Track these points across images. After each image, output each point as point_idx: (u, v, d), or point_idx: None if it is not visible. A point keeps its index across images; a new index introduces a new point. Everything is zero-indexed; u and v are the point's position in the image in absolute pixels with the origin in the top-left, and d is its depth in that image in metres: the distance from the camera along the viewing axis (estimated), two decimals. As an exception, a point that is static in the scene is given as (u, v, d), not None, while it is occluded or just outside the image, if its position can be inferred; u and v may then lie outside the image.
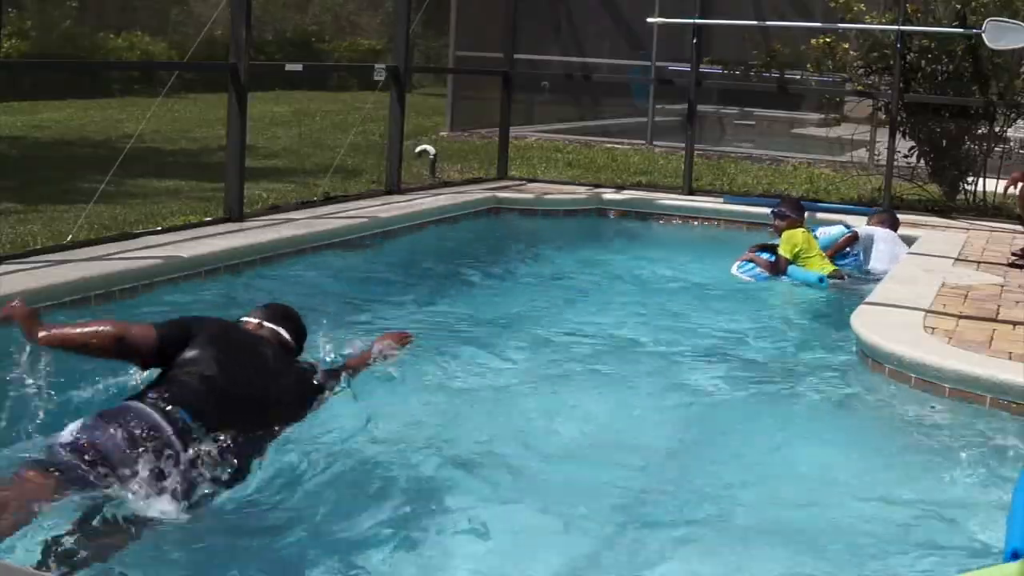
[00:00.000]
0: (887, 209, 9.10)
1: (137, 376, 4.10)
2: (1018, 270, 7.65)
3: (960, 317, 6.13)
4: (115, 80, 21.60)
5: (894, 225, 8.80)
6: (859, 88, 11.46)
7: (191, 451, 3.65)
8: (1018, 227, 9.13)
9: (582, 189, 11.09)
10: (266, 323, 4.34)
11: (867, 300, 6.49)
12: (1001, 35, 9.29)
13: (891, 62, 10.47)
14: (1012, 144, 11.50)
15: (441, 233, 9.20)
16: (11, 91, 18.29)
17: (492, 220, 9.96)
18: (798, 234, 8.20)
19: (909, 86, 10.57)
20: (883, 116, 11.33)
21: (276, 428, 4.05)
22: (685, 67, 11.57)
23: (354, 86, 26.06)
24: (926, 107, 10.70)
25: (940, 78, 10.64)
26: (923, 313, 6.14)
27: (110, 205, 8.82)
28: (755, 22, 13.74)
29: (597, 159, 14.38)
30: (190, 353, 3.90)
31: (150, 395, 3.76)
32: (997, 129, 10.81)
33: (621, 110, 18.37)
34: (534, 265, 8.62)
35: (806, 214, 8.69)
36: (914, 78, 10.66)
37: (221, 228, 7.74)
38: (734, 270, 8.26)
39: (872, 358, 5.62)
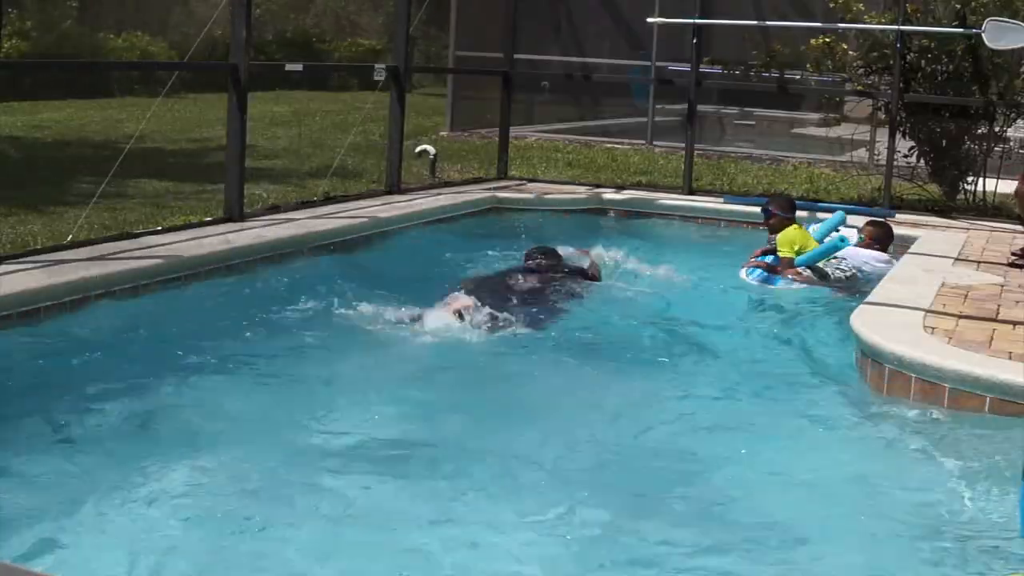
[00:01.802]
0: (880, 222, 8.82)
1: None
2: (1018, 270, 7.64)
3: (960, 317, 6.13)
4: (115, 80, 21.60)
5: (886, 240, 8.53)
6: (859, 88, 11.46)
7: None
8: (1018, 227, 9.13)
9: (582, 189, 11.10)
10: None
11: (867, 300, 6.49)
12: (1001, 35, 9.28)
13: (891, 62, 10.47)
14: (1012, 144, 11.49)
15: (441, 233, 9.20)
16: (11, 91, 18.28)
17: (492, 220, 9.97)
18: (791, 231, 8.17)
19: (909, 86, 10.57)
20: (883, 116, 11.33)
21: None
22: (685, 67, 11.57)
23: (354, 86, 26.06)
24: (926, 107, 10.69)
25: (940, 78, 10.63)
26: (923, 313, 6.14)
27: (110, 205, 8.82)
28: (755, 22, 13.74)
29: (597, 159, 14.39)
30: None
31: None
32: (997, 129, 10.81)
33: (621, 110, 18.36)
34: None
35: (803, 213, 8.65)
36: (914, 78, 10.65)
37: (221, 228, 7.75)
38: (742, 275, 8.19)
39: (872, 358, 5.62)
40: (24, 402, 4.88)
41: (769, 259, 8.16)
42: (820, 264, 8.04)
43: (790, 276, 8.01)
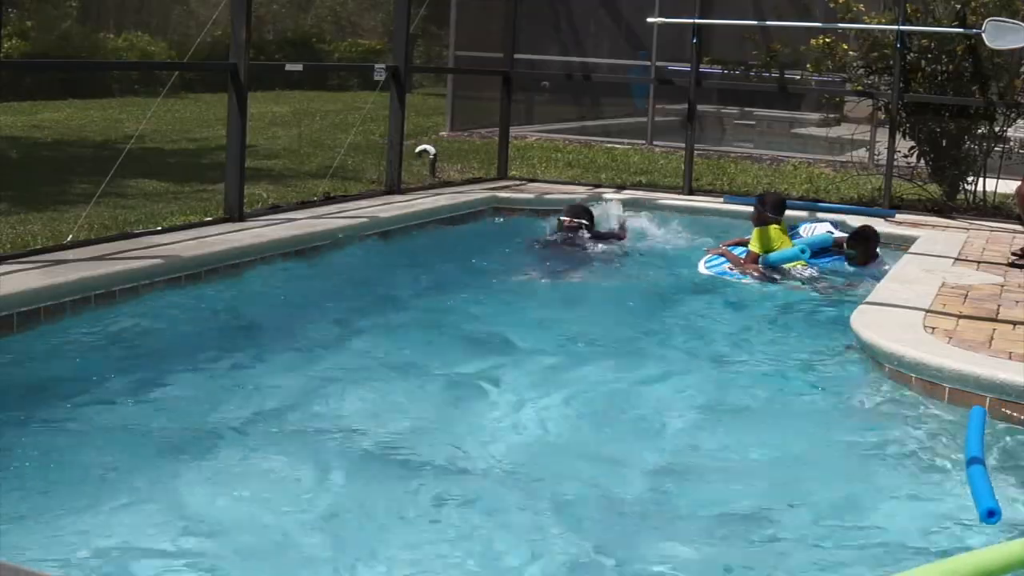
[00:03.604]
0: (870, 236, 8.39)
1: None
2: (1018, 270, 7.65)
3: (960, 317, 6.13)
4: (115, 80, 21.62)
5: (870, 253, 8.28)
6: (859, 88, 11.46)
7: None
8: (1018, 227, 9.13)
9: (582, 189, 11.09)
10: None
11: (867, 300, 6.49)
12: (1001, 35, 9.29)
13: (891, 62, 10.47)
14: (1012, 144, 11.49)
15: (441, 233, 9.20)
16: (11, 91, 18.29)
17: (491, 220, 9.96)
18: (768, 230, 8.18)
19: (909, 86, 10.57)
20: (883, 116, 11.32)
21: None
22: (685, 67, 11.57)
23: (354, 86, 26.07)
24: (926, 107, 10.69)
25: (940, 78, 10.63)
26: (923, 313, 6.14)
27: (110, 205, 8.82)
28: (755, 22, 13.74)
29: (597, 159, 14.39)
30: None
31: None
32: (997, 129, 10.81)
33: (621, 110, 18.37)
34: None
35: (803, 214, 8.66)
36: (914, 78, 10.66)
37: (221, 228, 7.74)
38: (701, 266, 8.24)
39: (872, 358, 5.62)
40: (25, 403, 4.88)
41: (739, 251, 8.26)
42: (785, 266, 8.11)
43: (749, 272, 8.07)
